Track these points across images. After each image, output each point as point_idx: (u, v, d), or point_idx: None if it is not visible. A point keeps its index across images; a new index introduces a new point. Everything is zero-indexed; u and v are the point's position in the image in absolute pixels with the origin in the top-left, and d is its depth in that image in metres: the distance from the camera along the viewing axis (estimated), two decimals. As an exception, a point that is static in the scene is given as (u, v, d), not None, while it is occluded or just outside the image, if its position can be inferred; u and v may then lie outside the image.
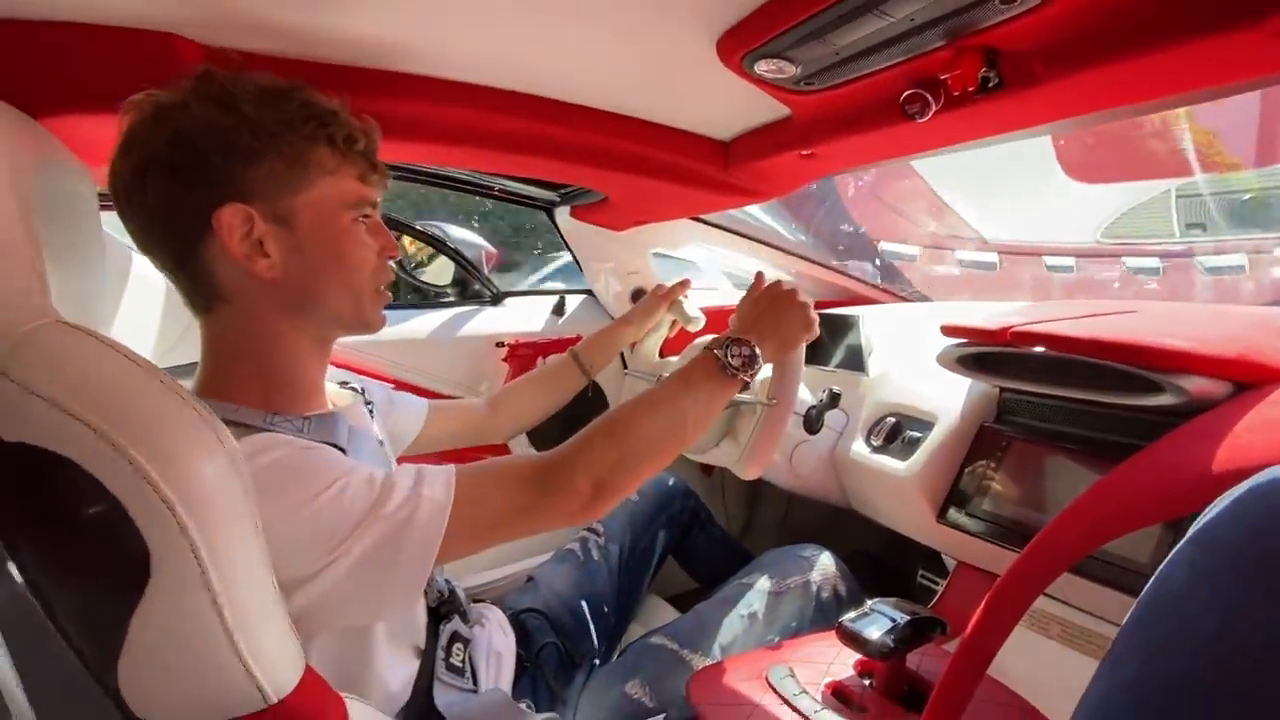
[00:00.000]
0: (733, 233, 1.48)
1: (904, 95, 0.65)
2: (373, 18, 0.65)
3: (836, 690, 0.73)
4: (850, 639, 0.70)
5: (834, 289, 1.69)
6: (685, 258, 1.61)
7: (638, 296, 1.49)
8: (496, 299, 1.43)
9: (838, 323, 1.24)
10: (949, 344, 0.93)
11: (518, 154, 0.91)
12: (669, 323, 1.26)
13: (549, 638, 0.89)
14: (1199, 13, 0.48)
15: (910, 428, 1.04)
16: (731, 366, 0.68)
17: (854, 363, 1.20)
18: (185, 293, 0.60)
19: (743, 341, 0.69)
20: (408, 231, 1.35)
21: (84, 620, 0.42)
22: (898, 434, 1.05)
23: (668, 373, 1.23)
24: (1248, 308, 0.93)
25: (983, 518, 0.90)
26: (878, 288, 1.74)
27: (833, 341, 1.25)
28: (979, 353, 0.90)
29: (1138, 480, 0.57)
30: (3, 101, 0.55)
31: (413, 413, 0.91)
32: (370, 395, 0.80)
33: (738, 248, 1.53)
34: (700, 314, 1.19)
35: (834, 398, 1.12)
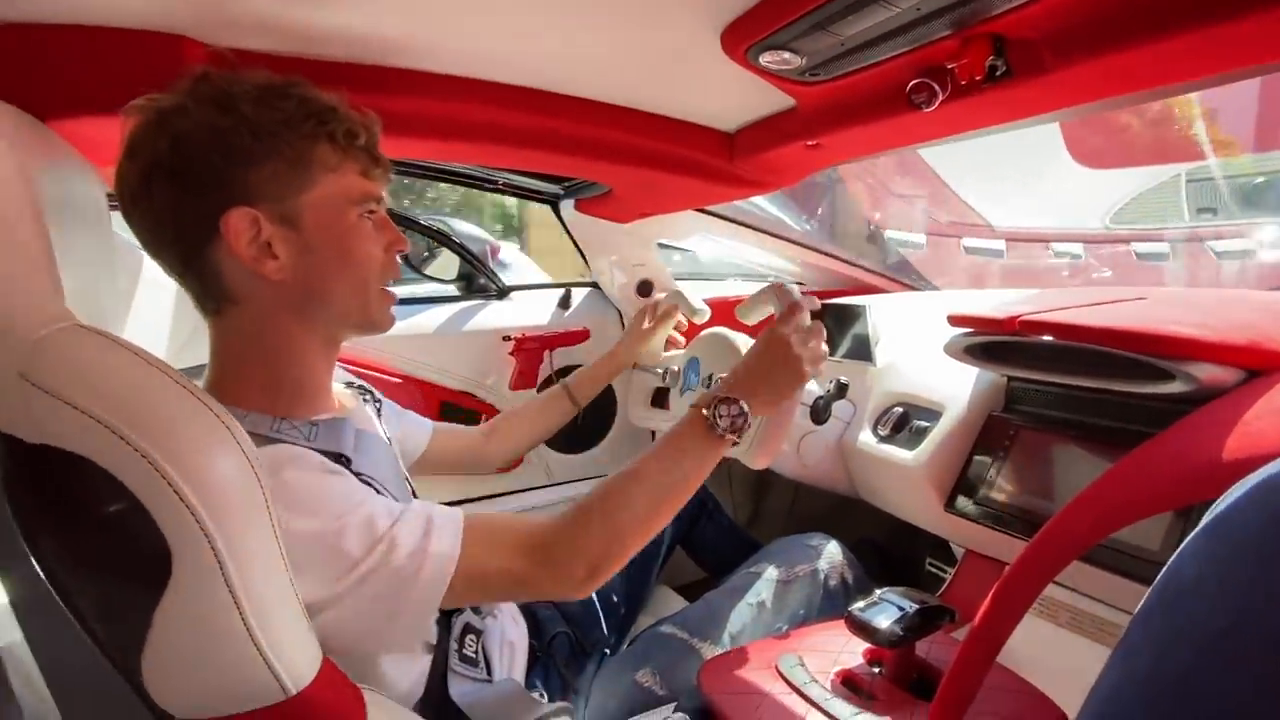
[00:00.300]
0: (738, 223, 1.47)
1: (910, 85, 0.64)
2: (373, 13, 0.64)
3: (846, 679, 0.73)
4: (859, 628, 0.71)
5: (841, 278, 1.69)
6: (688, 248, 1.60)
7: (644, 289, 1.49)
8: (502, 293, 1.43)
9: (845, 312, 1.23)
10: (956, 333, 0.93)
11: (521, 148, 0.91)
12: (675, 315, 1.26)
13: (560, 627, 0.90)
14: (1209, -3, 0.48)
15: (918, 417, 1.04)
16: (720, 428, 0.68)
17: (861, 352, 1.20)
18: (194, 295, 0.61)
19: (732, 401, 0.68)
20: (413, 226, 1.35)
21: (108, 616, 0.43)
22: (905, 423, 1.05)
23: (675, 366, 1.25)
24: (1257, 293, 0.92)
25: (991, 506, 0.90)
26: (885, 276, 1.73)
27: (840, 331, 1.24)
28: (986, 342, 0.90)
29: (1147, 468, 0.57)
30: (10, 105, 0.55)
31: (420, 431, 0.93)
32: (378, 396, 0.80)
33: (743, 238, 1.53)
34: (705, 306, 1.19)
35: (841, 388, 1.12)
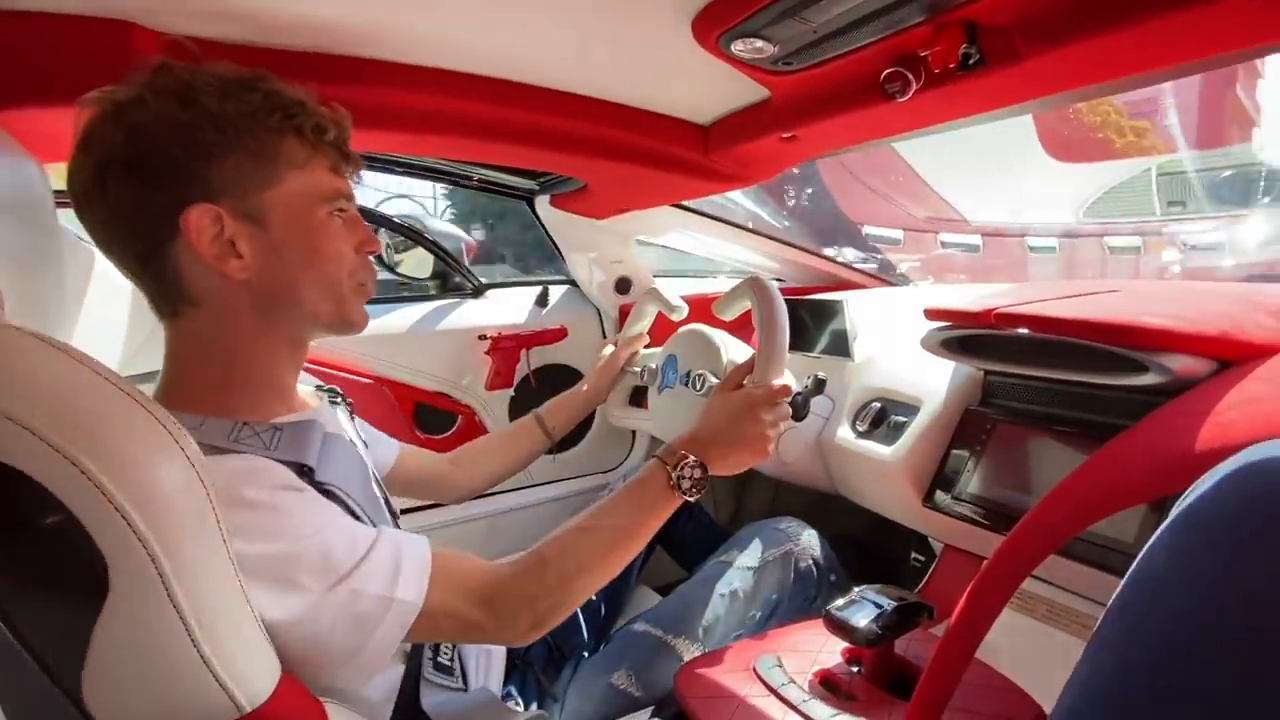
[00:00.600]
0: (716, 219, 1.46)
1: (884, 74, 0.64)
2: (337, 0, 0.62)
3: (824, 679, 0.73)
4: (837, 627, 0.70)
5: (818, 274, 1.69)
6: (667, 244, 1.59)
7: (622, 286, 1.47)
8: (478, 291, 1.41)
9: (823, 308, 1.23)
10: (932, 327, 0.93)
11: (492, 141, 0.89)
12: (653, 312, 1.25)
13: (538, 633, 0.89)
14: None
15: (895, 412, 1.04)
16: (683, 487, 0.68)
17: (839, 348, 1.19)
18: (150, 296, 0.58)
19: (696, 464, 0.69)
20: (385, 224, 1.32)
21: (45, 633, 0.41)
22: (883, 419, 1.05)
23: (653, 364, 1.23)
24: (1229, 284, 0.93)
25: (969, 501, 0.90)
26: (862, 272, 1.73)
27: (817, 327, 1.24)
28: (963, 335, 0.90)
29: (1122, 461, 0.57)
30: None
31: (386, 451, 0.89)
32: (348, 401, 0.78)
33: (722, 234, 1.52)
34: (682, 302, 1.18)
35: (819, 384, 1.10)
